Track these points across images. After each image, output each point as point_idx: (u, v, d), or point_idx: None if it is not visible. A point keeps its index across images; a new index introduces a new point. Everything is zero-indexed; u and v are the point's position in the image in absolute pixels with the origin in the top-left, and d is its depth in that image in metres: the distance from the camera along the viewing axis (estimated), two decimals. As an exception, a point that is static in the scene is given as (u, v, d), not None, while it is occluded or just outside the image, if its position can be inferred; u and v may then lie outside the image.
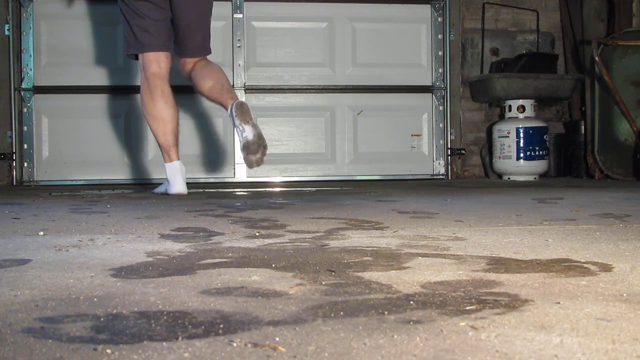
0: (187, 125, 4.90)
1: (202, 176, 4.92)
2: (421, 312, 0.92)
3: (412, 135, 5.26)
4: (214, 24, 3.65)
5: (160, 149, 3.39)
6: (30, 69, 4.86)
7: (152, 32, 3.33)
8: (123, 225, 2.01)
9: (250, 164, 3.21)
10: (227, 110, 3.29)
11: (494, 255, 1.42)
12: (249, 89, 5.07)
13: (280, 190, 3.96)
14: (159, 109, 3.31)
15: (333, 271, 1.24)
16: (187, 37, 3.37)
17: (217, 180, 4.92)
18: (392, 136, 5.22)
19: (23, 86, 4.84)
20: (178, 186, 3.31)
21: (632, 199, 2.98)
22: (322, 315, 0.91)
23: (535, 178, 4.99)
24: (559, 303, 0.98)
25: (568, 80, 5.16)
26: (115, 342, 0.78)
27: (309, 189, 4.06)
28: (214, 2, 3.49)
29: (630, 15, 5.04)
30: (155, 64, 3.34)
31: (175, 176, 3.32)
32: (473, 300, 1.00)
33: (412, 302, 0.98)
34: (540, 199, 2.96)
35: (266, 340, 0.79)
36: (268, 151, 5.04)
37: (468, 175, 5.36)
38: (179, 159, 3.34)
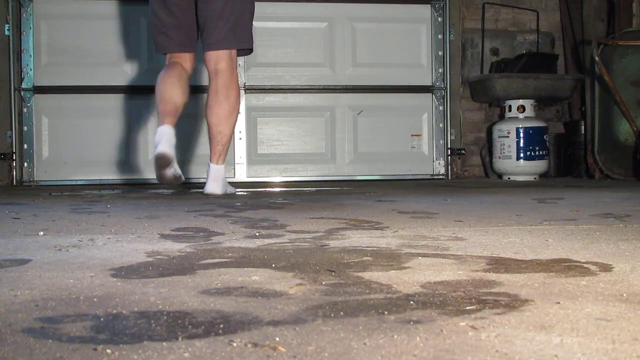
0: (187, 125, 4.90)
1: (202, 176, 4.92)
2: (421, 312, 0.92)
3: (412, 135, 5.26)
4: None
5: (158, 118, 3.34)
6: (30, 69, 4.86)
7: (168, 34, 3.35)
8: (123, 225, 2.01)
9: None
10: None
11: (494, 255, 1.42)
12: (249, 89, 5.07)
13: (280, 190, 3.96)
14: (169, 82, 3.29)
15: (333, 271, 1.24)
16: (207, 29, 3.33)
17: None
18: (392, 136, 5.23)
19: (23, 86, 4.84)
20: (158, 147, 3.16)
21: (632, 199, 2.98)
22: (322, 315, 0.91)
23: (535, 178, 4.99)
24: (559, 303, 0.98)
25: (568, 80, 5.16)
26: (115, 342, 0.78)
27: (309, 189, 4.06)
28: None
29: (630, 15, 5.04)
30: (176, 58, 3.39)
31: (160, 137, 3.19)
32: (473, 300, 1.00)
33: (412, 302, 0.98)
34: (540, 199, 2.96)
35: (266, 340, 0.79)
36: (268, 151, 5.10)
37: (468, 175, 5.36)
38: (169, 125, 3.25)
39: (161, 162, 3.09)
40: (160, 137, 3.17)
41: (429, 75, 5.27)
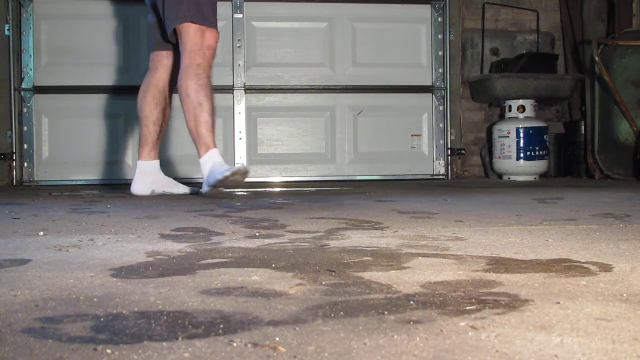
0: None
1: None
2: (421, 312, 0.92)
3: (412, 135, 5.26)
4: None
5: None
6: (30, 69, 4.86)
7: (148, 35, 3.39)
8: (123, 225, 2.01)
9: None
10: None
11: (494, 255, 1.42)
12: (248, 89, 5.07)
13: (280, 190, 3.96)
14: (142, 98, 3.37)
15: (333, 271, 1.24)
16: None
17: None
18: (392, 136, 5.23)
19: (23, 86, 4.84)
20: (132, 184, 3.40)
21: (632, 199, 2.98)
22: (322, 315, 0.91)
23: (535, 178, 4.99)
24: (559, 303, 0.98)
25: (568, 80, 5.16)
26: (115, 342, 0.78)
27: (309, 189, 4.06)
28: None
29: (630, 15, 5.04)
30: (152, 63, 3.39)
31: (135, 173, 3.39)
32: (473, 300, 1.00)
33: (412, 302, 0.98)
34: (540, 199, 2.96)
35: (266, 340, 0.79)
36: (268, 151, 5.10)
37: (468, 175, 5.36)
38: (143, 159, 3.37)
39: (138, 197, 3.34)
40: (135, 174, 3.38)
41: (429, 75, 5.27)
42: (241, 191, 3.80)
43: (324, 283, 1.13)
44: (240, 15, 5.03)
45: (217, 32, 3.17)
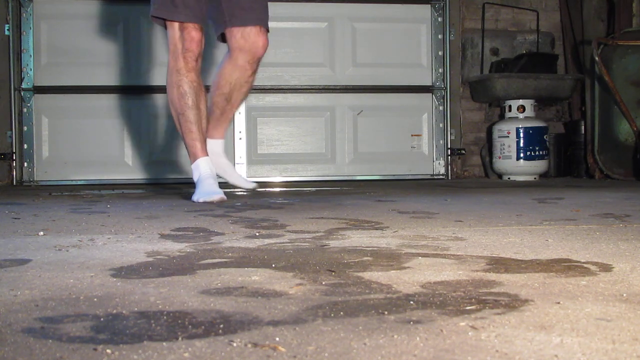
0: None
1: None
2: (421, 312, 0.92)
3: (412, 135, 5.26)
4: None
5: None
6: (30, 69, 4.86)
7: None
8: (123, 225, 2.01)
9: None
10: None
11: (494, 255, 1.42)
12: (249, 89, 5.06)
13: (280, 190, 3.96)
14: None
15: (333, 271, 1.24)
16: None
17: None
18: (392, 136, 5.23)
19: (23, 86, 4.84)
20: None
21: (632, 199, 2.98)
22: (322, 315, 0.91)
23: (535, 178, 4.99)
24: (559, 303, 0.98)
25: (568, 80, 5.16)
26: (115, 342, 0.78)
27: (309, 189, 4.06)
28: None
29: (630, 15, 5.04)
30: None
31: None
32: (473, 300, 1.00)
33: (412, 302, 0.98)
34: (540, 199, 2.96)
35: (266, 340, 0.79)
36: (268, 151, 5.10)
37: (468, 175, 5.36)
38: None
39: None
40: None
41: (429, 75, 5.27)
42: (241, 191, 3.80)
43: (324, 283, 1.13)
44: (240, 15, 5.02)
45: (197, 30, 2.91)
